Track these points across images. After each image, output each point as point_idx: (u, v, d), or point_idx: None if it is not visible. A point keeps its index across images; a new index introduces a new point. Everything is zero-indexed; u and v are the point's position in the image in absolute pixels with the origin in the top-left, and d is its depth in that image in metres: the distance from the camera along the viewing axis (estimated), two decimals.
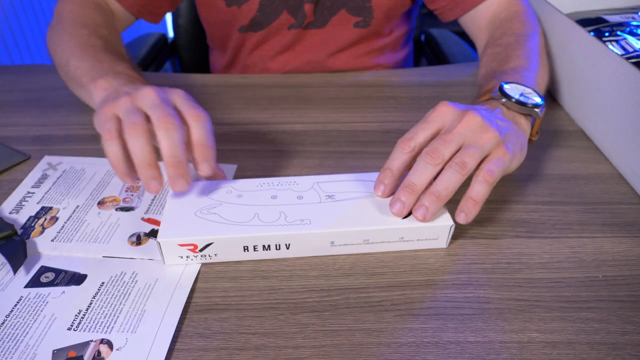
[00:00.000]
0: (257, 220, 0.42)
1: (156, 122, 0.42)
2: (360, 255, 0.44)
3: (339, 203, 0.44)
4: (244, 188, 0.46)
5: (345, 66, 0.83)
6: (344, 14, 0.77)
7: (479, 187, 0.42)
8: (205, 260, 0.43)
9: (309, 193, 0.45)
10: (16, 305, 0.39)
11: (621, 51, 0.63)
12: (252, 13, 0.77)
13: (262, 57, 0.83)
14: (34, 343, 0.36)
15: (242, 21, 0.79)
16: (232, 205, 0.44)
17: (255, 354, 0.36)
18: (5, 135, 0.60)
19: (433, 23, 1.08)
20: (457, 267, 0.43)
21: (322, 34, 0.80)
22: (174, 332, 0.37)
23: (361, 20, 0.78)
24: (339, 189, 0.45)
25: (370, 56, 0.84)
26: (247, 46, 0.83)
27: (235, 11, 0.77)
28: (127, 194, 0.51)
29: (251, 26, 0.79)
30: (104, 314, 0.38)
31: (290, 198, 0.44)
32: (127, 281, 0.41)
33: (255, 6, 0.76)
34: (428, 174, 0.41)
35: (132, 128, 0.42)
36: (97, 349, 0.36)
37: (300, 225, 0.42)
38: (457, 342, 0.37)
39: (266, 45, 0.82)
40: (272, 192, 0.45)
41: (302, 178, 0.47)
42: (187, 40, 1.09)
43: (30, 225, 0.46)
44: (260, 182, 0.46)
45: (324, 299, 0.40)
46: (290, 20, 0.78)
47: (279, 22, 0.78)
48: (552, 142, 0.59)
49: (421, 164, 0.42)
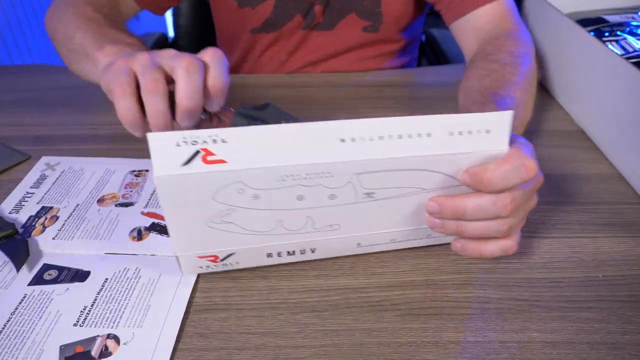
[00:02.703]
0: (280, 228, 0.38)
1: (180, 64, 0.39)
2: (360, 255, 0.44)
3: (378, 203, 0.37)
4: (260, 185, 0.35)
5: (349, 68, 0.83)
6: (353, 17, 0.77)
7: (494, 250, 0.39)
8: (227, 268, 0.41)
9: (344, 190, 0.36)
10: (21, 303, 0.39)
11: (621, 51, 0.63)
12: (266, 14, 0.77)
13: (272, 59, 0.83)
14: (40, 339, 0.36)
15: (255, 23, 0.78)
16: (249, 211, 0.36)
17: (255, 354, 0.36)
18: (5, 135, 0.60)
19: (433, 23, 1.08)
20: (457, 267, 0.43)
21: (330, 36, 0.79)
22: (179, 325, 0.37)
23: (370, 25, 0.78)
24: (382, 183, 0.36)
25: (376, 60, 0.84)
26: (257, 47, 0.83)
27: (248, 12, 0.77)
28: (127, 190, 0.51)
29: (264, 27, 0.79)
30: (110, 309, 0.39)
31: (321, 198, 0.36)
32: (130, 277, 0.41)
33: (270, 8, 0.76)
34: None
35: (153, 85, 0.39)
36: (104, 343, 0.36)
37: (329, 231, 0.39)
38: (457, 342, 0.37)
39: (276, 46, 0.82)
40: (297, 190, 0.35)
41: (339, 165, 0.35)
42: (187, 40, 1.09)
43: (31, 225, 0.46)
44: (282, 174, 0.34)
45: (324, 299, 0.40)
46: (302, 22, 0.78)
47: (291, 25, 0.78)
48: (552, 142, 0.59)
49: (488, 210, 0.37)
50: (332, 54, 0.81)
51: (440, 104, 0.67)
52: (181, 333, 0.37)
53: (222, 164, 0.33)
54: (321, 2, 0.75)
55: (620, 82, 0.53)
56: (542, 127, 0.62)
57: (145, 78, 0.39)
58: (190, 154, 0.33)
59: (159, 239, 0.45)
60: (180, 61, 0.40)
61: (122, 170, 0.54)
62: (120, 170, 0.54)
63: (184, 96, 0.39)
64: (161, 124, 0.40)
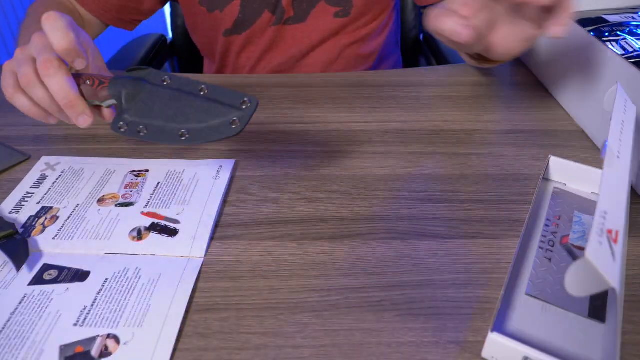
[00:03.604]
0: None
1: (40, 71, 0.46)
2: (360, 255, 0.44)
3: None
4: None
5: (327, 58, 0.83)
6: (323, 5, 0.78)
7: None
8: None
9: None
10: (21, 303, 0.39)
11: (621, 51, 0.63)
12: (234, 15, 0.77)
13: (248, 59, 0.84)
14: (40, 339, 0.36)
15: (226, 24, 0.79)
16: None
17: (255, 354, 0.36)
18: (5, 135, 0.60)
19: None
20: (457, 267, 0.43)
21: (304, 28, 0.80)
22: (180, 325, 0.37)
23: (341, 10, 0.78)
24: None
25: (352, 47, 0.84)
26: (233, 50, 0.83)
27: (218, 15, 0.78)
28: (127, 190, 0.51)
29: (235, 29, 0.79)
30: (110, 309, 0.39)
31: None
32: (130, 277, 0.41)
33: (237, 8, 0.77)
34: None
35: (23, 78, 0.47)
36: (104, 343, 0.36)
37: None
38: (457, 342, 0.37)
39: (251, 46, 0.82)
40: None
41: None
42: (186, 41, 1.09)
43: (30, 225, 0.46)
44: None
45: (324, 299, 0.40)
46: (272, 18, 0.78)
47: (261, 22, 0.78)
48: (552, 142, 0.59)
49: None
50: (308, 47, 0.82)
51: (440, 104, 0.67)
52: (181, 333, 0.37)
53: None
54: None
55: (620, 82, 0.53)
56: (542, 127, 0.62)
57: (18, 76, 0.48)
58: None
59: (159, 239, 0.45)
60: (38, 61, 0.47)
61: (122, 170, 0.54)
62: (120, 170, 0.54)
63: (58, 97, 0.47)
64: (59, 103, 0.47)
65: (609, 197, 0.32)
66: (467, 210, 0.49)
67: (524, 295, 0.39)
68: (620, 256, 0.29)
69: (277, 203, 0.50)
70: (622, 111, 0.43)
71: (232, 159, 0.56)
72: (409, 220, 0.48)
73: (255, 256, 0.44)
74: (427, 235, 0.46)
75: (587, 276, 0.27)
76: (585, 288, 0.28)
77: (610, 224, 0.30)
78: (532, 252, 0.43)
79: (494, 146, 0.58)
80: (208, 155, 0.57)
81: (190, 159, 0.56)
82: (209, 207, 0.49)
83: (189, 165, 0.54)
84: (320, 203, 0.50)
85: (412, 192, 0.51)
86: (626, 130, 0.41)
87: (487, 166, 0.55)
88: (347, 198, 0.51)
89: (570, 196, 0.49)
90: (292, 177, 0.53)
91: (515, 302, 0.39)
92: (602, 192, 0.32)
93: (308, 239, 0.46)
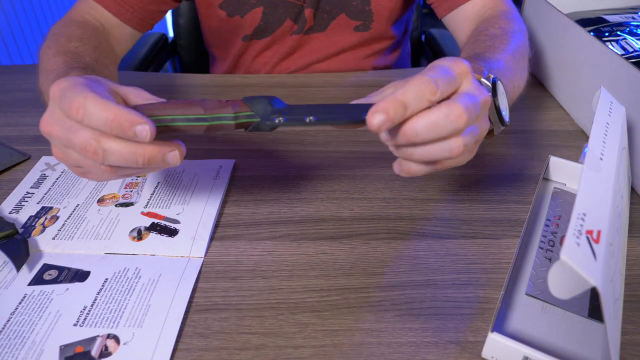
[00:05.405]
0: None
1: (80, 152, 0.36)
2: (360, 255, 0.44)
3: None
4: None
5: (344, 68, 0.83)
6: (344, 18, 0.77)
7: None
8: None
9: None
10: (21, 303, 0.39)
11: (621, 51, 0.63)
12: (256, 22, 0.77)
13: (265, 64, 0.83)
14: (40, 339, 0.36)
15: (246, 30, 0.78)
16: None
17: (255, 354, 0.36)
18: (5, 135, 0.60)
19: (433, 23, 1.08)
20: (457, 267, 0.43)
21: (323, 38, 0.80)
22: (180, 325, 0.37)
23: (361, 24, 0.78)
24: None
25: (370, 59, 0.84)
26: (250, 53, 0.83)
27: (238, 21, 0.77)
28: (127, 190, 0.51)
29: (255, 34, 0.79)
30: (110, 309, 0.39)
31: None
32: (130, 277, 0.41)
33: (259, 15, 0.76)
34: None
35: (88, 154, 0.36)
36: (104, 343, 0.36)
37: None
38: (457, 342, 0.37)
39: (269, 52, 0.82)
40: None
41: None
42: (187, 40, 1.09)
43: (30, 225, 0.46)
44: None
45: (324, 299, 0.40)
46: (293, 26, 0.78)
47: (282, 29, 0.78)
48: (552, 142, 0.59)
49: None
50: (326, 56, 0.82)
51: None
52: (181, 333, 0.37)
53: None
54: (311, 5, 0.75)
55: (620, 82, 0.53)
56: (542, 127, 0.62)
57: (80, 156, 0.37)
58: None
59: (159, 239, 0.45)
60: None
61: None
62: None
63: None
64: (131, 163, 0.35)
65: (589, 199, 0.32)
66: (467, 210, 0.49)
67: (524, 295, 0.39)
68: (604, 255, 0.29)
69: (277, 203, 0.50)
70: (606, 113, 0.43)
71: (232, 159, 0.56)
72: (409, 220, 0.48)
73: (255, 256, 0.44)
74: (427, 235, 0.46)
75: (568, 277, 0.28)
76: (568, 288, 0.28)
77: (590, 224, 0.30)
78: (532, 252, 0.43)
79: (494, 146, 0.58)
80: (208, 155, 0.57)
81: (190, 159, 0.56)
82: (208, 207, 0.49)
83: (189, 166, 0.54)
84: (320, 203, 0.50)
85: (412, 192, 0.51)
86: (612, 132, 0.41)
87: (487, 166, 0.55)
88: (347, 198, 0.51)
89: (570, 196, 0.49)
90: (292, 177, 0.53)
91: (515, 302, 0.39)
92: (579, 195, 0.32)
93: (308, 239, 0.46)
